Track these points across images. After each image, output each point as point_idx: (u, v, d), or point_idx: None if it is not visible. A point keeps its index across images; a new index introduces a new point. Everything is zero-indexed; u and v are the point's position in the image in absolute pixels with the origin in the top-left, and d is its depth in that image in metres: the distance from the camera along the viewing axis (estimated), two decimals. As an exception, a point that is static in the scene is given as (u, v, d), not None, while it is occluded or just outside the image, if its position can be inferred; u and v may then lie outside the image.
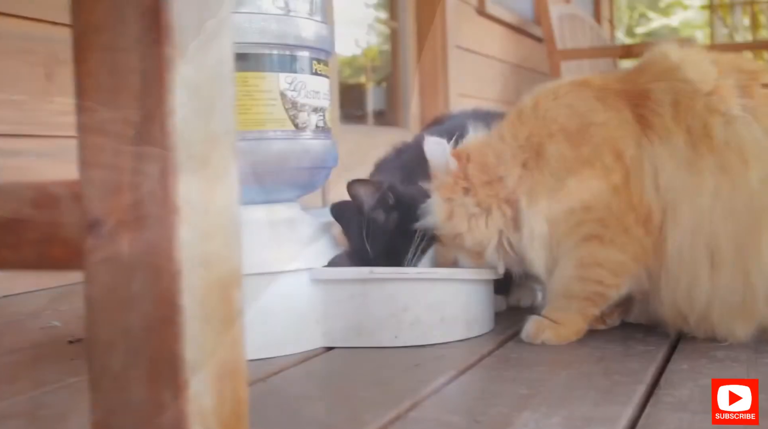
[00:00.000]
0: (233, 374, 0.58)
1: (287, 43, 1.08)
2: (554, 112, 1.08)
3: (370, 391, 0.91)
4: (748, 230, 0.99)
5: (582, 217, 1.04)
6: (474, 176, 1.10)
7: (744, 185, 0.99)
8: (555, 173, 1.06)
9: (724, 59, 1.08)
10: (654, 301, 1.06)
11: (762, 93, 1.03)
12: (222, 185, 0.58)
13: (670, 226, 1.01)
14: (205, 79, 0.56)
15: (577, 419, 0.78)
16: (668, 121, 1.03)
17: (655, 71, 1.08)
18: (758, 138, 1.01)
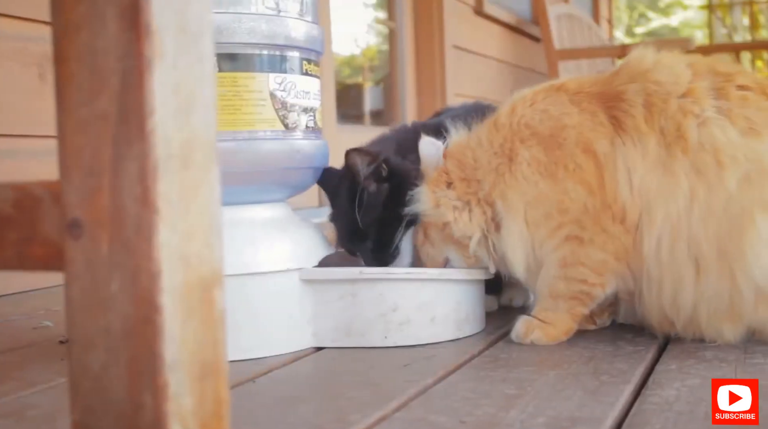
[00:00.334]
0: (214, 374, 0.58)
1: (277, 43, 1.08)
2: (528, 118, 1.09)
3: (358, 392, 0.91)
4: (729, 234, 0.98)
5: (560, 220, 1.05)
6: (452, 172, 1.12)
7: (720, 188, 0.99)
8: (528, 177, 1.06)
9: (699, 62, 1.08)
10: (639, 306, 1.07)
11: (737, 95, 1.03)
12: (203, 185, 0.58)
13: (646, 227, 1.02)
14: (185, 80, 0.56)
15: (563, 419, 0.78)
16: (640, 122, 1.03)
17: (629, 73, 1.08)
18: (734, 139, 1.00)
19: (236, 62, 1.06)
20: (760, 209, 0.98)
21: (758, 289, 0.99)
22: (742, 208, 0.98)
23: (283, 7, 1.10)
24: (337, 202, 1.24)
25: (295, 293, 1.09)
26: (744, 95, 1.03)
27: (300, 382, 0.97)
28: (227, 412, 0.60)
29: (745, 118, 1.01)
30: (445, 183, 1.12)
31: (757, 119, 1.02)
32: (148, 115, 0.53)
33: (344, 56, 3.78)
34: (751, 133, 1.01)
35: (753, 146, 1.00)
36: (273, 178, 1.12)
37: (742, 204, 0.98)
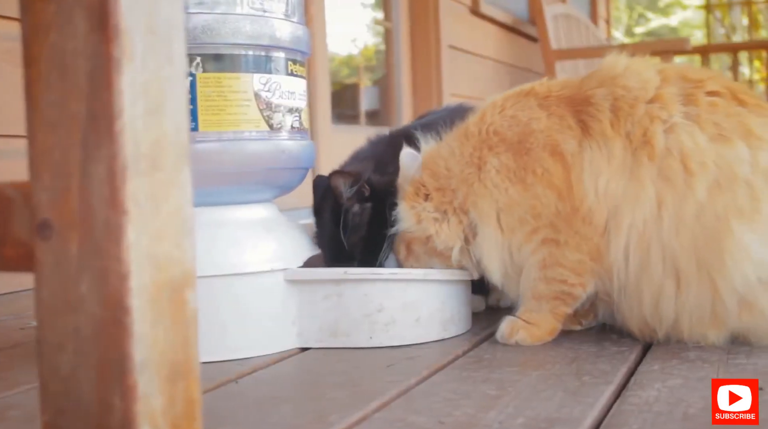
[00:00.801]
0: (186, 375, 0.58)
1: (262, 43, 1.08)
2: (497, 125, 1.09)
3: (340, 392, 0.91)
4: (707, 244, 0.98)
5: (535, 224, 1.06)
6: (428, 183, 1.13)
7: (690, 195, 0.99)
8: (498, 184, 1.07)
9: (669, 68, 1.08)
10: (618, 313, 1.07)
11: (707, 101, 1.03)
12: (173, 187, 0.58)
13: (613, 232, 1.02)
14: (155, 81, 0.56)
15: (542, 420, 0.78)
16: (606, 127, 1.03)
17: (599, 78, 1.08)
18: (702, 145, 1.00)
19: (221, 62, 1.06)
20: (735, 216, 0.98)
21: (741, 297, 0.98)
22: (716, 216, 0.98)
23: (268, 8, 1.10)
24: (321, 224, 1.23)
25: (279, 294, 1.09)
26: (713, 101, 1.03)
27: (282, 382, 0.97)
28: (199, 413, 0.60)
29: (714, 123, 1.01)
30: (423, 195, 1.13)
31: (727, 125, 1.01)
32: (117, 116, 0.53)
33: (341, 56, 3.78)
34: (721, 139, 1.01)
35: (722, 152, 1.00)
36: (258, 179, 1.12)
37: (716, 212, 0.98)
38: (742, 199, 0.98)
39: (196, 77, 1.04)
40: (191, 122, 1.05)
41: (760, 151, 1.00)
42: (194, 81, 1.04)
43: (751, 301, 0.99)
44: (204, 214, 1.09)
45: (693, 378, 0.91)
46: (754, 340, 1.02)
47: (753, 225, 0.98)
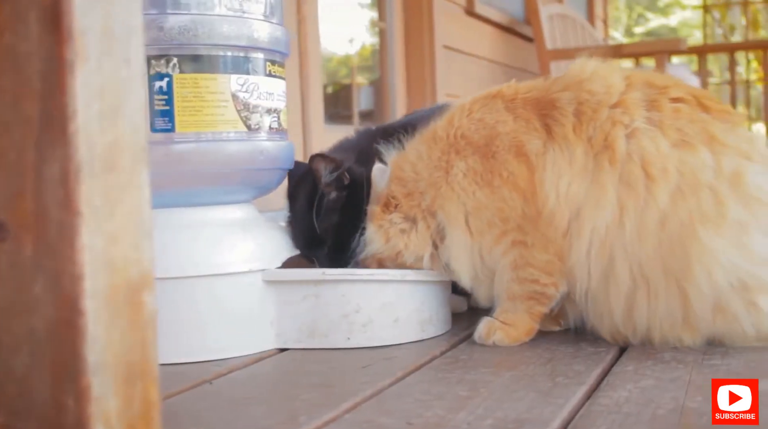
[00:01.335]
0: (142, 376, 0.58)
1: (239, 44, 1.08)
2: (465, 129, 1.10)
3: (313, 393, 0.91)
4: (673, 252, 0.98)
5: (503, 227, 1.06)
6: (395, 191, 1.13)
7: (652, 202, 0.99)
8: (466, 188, 1.07)
9: (636, 74, 1.08)
10: (587, 319, 1.06)
11: (670, 107, 1.03)
12: (130, 188, 0.58)
13: (575, 236, 1.01)
14: (111, 83, 0.56)
15: (510, 421, 0.78)
16: (568, 130, 1.03)
17: (565, 81, 1.08)
18: (664, 151, 1.00)
19: (198, 63, 1.06)
20: (700, 222, 0.97)
21: (713, 303, 0.98)
22: (681, 223, 0.98)
23: (246, 9, 1.10)
24: (295, 207, 1.25)
25: (258, 294, 1.09)
26: (677, 107, 1.03)
27: (257, 383, 0.97)
28: (157, 414, 0.60)
29: (677, 129, 1.01)
30: (392, 207, 1.12)
31: (690, 131, 1.01)
32: (71, 118, 0.53)
33: (336, 56, 3.78)
34: (683, 145, 1.00)
35: (684, 158, 1.00)
36: (236, 179, 1.12)
37: (681, 219, 0.98)
38: (707, 204, 0.98)
39: (172, 78, 1.04)
40: (168, 123, 1.05)
41: (724, 156, 1.00)
42: (171, 82, 1.04)
43: (724, 306, 0.98)
44: (182, 214, 1.09)
45: (666, 379, 0.91)
46: (729, 343, 1.02)
47: (720, 230, 0.97)
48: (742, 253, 0.98)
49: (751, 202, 0.99)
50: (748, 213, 0.98)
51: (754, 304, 0.99)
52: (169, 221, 1.08)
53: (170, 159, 1.06)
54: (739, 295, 0.98)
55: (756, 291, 0.98)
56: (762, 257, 0.98)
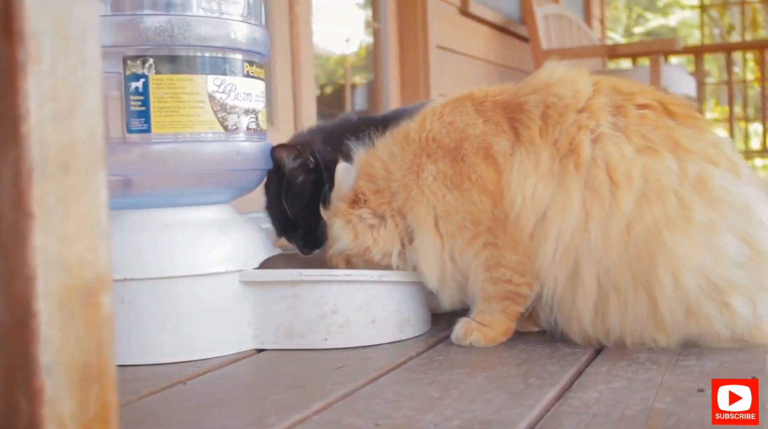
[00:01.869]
0: (99, 378, 0.58)
1: (216, 45, 1.08)
2: (436, 132, 1.10)
3: (285, 394, 0.91)
4: (640, 258, 0.98)
5: (475, 230, 1.06)
6: (364, 187, 1.13)
7: (617, 208, 0.98)
8: (436, 191, 1.07)
9: (604, 80, 1.08)
10: (558, 323, 1.06)
11: (636, 113, 1.03)
12: (86, 190, 0.58)
13: (541, 239, 1.01)
14: (65, 84, 0.56)
15: (477, 422, 0.78)
16: (535, 134, 1.03)
17: (534, 85, 1.08)
18: (628, 157, 1.00)
19: (174, 64, 1.06)
20: (666, 227, 0.97)
21: (684, 306, 0.98)
22: (647, 229, 0.98)
23: (224, 9, 1.10)
24: (269, 195, 1.31)
25: (235, 295, 1.09)
26: (643, 114, 1.03)
27: (230, 384, 0.97)
28: (114, 416, 0.60)
29: (642, 135, 1.01)
30: (361, 202, 1.13)
31: (654, 137, 1.01)
32: (23, 119, 0.53)
33: (330, 56, 3.78)
34: (648, 151, 1.00)
35: (649, 164, 1.00)
36: (214, 180, 1.12)
37: (646, 225, 0.98)
38: (672, 209, 0.98)
39: (148, 79, 1.04)
40: (144, 124, 1.05)
41: (689, 162, 1.00)
42: (147, 83, 1.04)
43: (696, 309, 0.98)
44: (158, 215, 1.09)
45: (638, 379, 0.91)
46: (705, 344, 1.02)
47: (687, 233, 0.97)
48: (713, 256, 0.98)
49: (718, 204, 0.99)
50: (716, 215, 0.98)
51: (727, 305, 0.99)
52: (145, 221, 1.08)
53: (146, 160, 1.06)
54: (711, 297, 0.98)
55: (728, 292, 0.98)
56: (733, 258, 0.98)
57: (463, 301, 1.13)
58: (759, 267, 1.00)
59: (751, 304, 1.00)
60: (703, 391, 0.85)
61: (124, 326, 1.05)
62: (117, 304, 1.05)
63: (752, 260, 1.00)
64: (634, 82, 1.10)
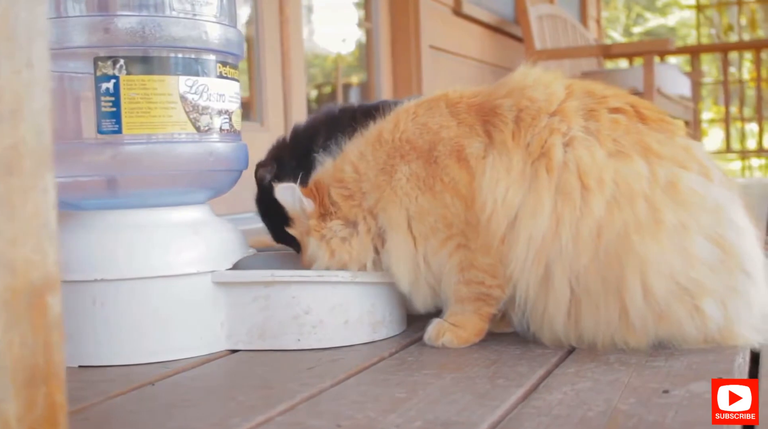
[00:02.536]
0: (47, 380, 0.58)
1: (187, 46, 1.08)
2: (409, 133, 1.09)
3: (251, 395, 0.91)
4: (610, 263, 0.97)
5: (448, 233, 1.06)
6: (334, 194, 1.12)
7: (589, 213, 0.98)
8: (408, 193, 1.07)
9: (578, 83, 1.08)
10: (529, 326, 1.06)
11: (608, 117, 1.03)
12: (32, 192, 0.58)
13: (513, 242, 1.01)
14: (10, 86, 0.56)
15: (439, 423, 0.78)
16: (507, 137, 1.03)
17: (508, 88, 1.08)
18: (600, 161, 0.99)
19: (145, 65, 1.06)
20: (636, 232, 0.97)
21: (654, 311, 0.98)
22: (617, 233, 0.97)
23: (198, 10, 1.10)
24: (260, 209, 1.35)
25: (207, 296, 1.09)
26: (615, 118, 1.03)
27: (199, 385, 0.97)
28: (63, 417, 0.60)
29: (613, 139, 1.01)
30: (332, 214, 1.12)
31: (625, 141, 1.01)
32: (-35, 121, 0.53)
33: (327, 55, 3.78)
34: (619, 155, 1.00)
35: (620, 168, 0.99)
36: (187, 181, 1.12)
37: (617, 229, 0.97)
38: (642, 214, 0.97)
39: (119, 79, 1.04)
40: (115, 125, 1.05)
41: (659, 166, 1.00)
42: (117, 83, 1.04)
43: (666, 314, 0.98)
44: (129, 216, 1.09)
45: (604, 381, 0.90)
46: (676, 345, 1.02)
47: (657, 237, 0.97)
48: (683, 259, 0.97)
49: (689, 207, 0.98)
50: (687, 217, 0.98)
51: (698, 308, 0.99)
52: (117, 222, 1.08)
53: (117, 160, 1.06)
54: (682, 301, 0.98)
55: (699, 296, 0.98)
56: (704, 261, 0.98)
57: (437, 304, 1.12)
58: (730, 269, 1.00)
59: (722, 307, 1.00)
60: (667, 392, 0.85)
61: (96, 327, 1.06)
62: (89, 304, 1.06)
63: (723, 263, 0.99)
64: (606, 86, 1.10)
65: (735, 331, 1.02)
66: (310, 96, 3.73)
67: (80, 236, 1.07)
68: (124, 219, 1.09)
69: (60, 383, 0.60)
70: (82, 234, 1.08)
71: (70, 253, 1.06)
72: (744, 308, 1.01)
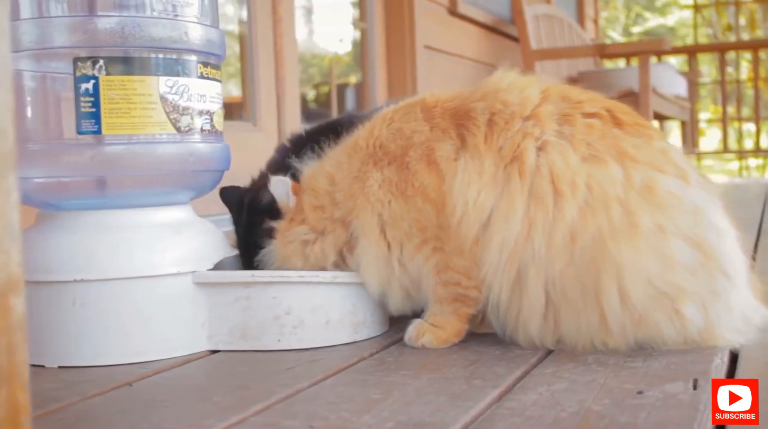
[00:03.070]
0: (9, 381, 0.58)
1: (167, 46, 1.08)
2: (383, 139, 1.09)
3: (228, 396, 0.91)
4: (587, 268, 0.97)
5: (422, 237, 1.06)
6: (305, 202, 1.13)
7: (561, 218, 0.98)
8: (381, 198, 1.07)
9: (554, 87, 1.08)
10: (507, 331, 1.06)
11: (583, 122, 1.02)
12: (-6, 192, 0.58)
13: (486, 246, 1.01)
14: (-29, 86, 0.56)
15: (412, 424, 0.78)
16: (480, 140, 1.03)
17: (483, 91, 1.08)
18: (573, 166, 0.99)
19: (125, 65, 1.06)
20: (611, 237, 0.96)
21: (631, 316, 0.98)
22: (592, 239, 0.97)
23: (179, 11, 1.10)
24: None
25: (188, 296, 1.09)
26: (590, 123, 1.02)
27: (177, 385, 0.97)
28: (26, 418, 0.60)
29: (588, 144, 1.01)
30: (298, 221, 1.13)
31: (600, 146, 1.00)
32: (-75, 122, 0.53)
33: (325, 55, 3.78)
34: (593, 160, 1.00)
35: (593, 173, 0.99)
36: (167, 181, 1.12)
37: (591, 235, 0.97)
38: (617, 218, 0.97)
39: (98, 80, 1.04)
40: (94, 125, 1.05)
41: (634, 170, 0.99)
42: (97, 84, 1.04)
43: (644, 318, 0.98)
44: (109, 216, 1.09)
45: (580, 381, 0.90)
46: (656, 346, 1.01)
47: (633, 242, 0.96)
48: (661, 263, 0.97)
49: (666, 210, 0.98)
50: (664, 220, 0.97)
51: (678, 312, 0.98)
52: (97, 223, 1.08)
53: (97, 161, 1.06)
54: (661, 306, 0.98)
55: (679, 300, 0.98)
56: (683, 264, 0.97)
57: (412, 306, 1.12)
58: (710, 272, 0.99)
59: (703, 311, 0.99)
60: (642, 393, 0.85)
61: (76, 327, 1.06)
62: (69, 305, 1.06)
63: (703, 266, 0.99)
64: (581, 90, 1.09)
65: (716, 333, 1.01)
66: (308, 96, 3.74)
67: (60, 237, 1.07)
68: (105, 220, 1.09)
69: (23, 384, 0.60)
70: (62, 234, 1.08)
71: (51, 254, 1.06)
72: (724, 310, 1.01)
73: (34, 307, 1.06)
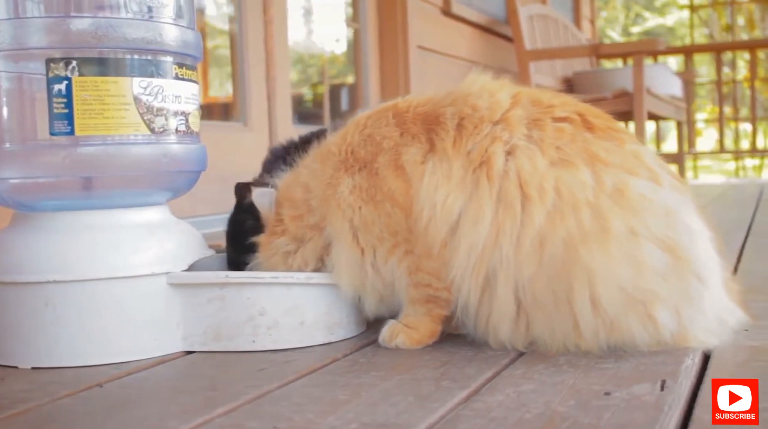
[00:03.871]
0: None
1: (142, 47, 1.08)
2: (355, 145, 1.10)
3: (195, 397, 0.91)
4: (557, 274, 0.97)
5: (394, 241, 1.06)
6: (284, 214, 1.13)
7: (529, 223, 0.97)
8: (352, 204, 1.07)
9: (525, 92, 1.07)
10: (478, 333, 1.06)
11: (553, 126, 1.02)
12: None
13: (453, 250, 1.01)
14: None
15: (376, 425, 0.78)
16: (448, 145, 1.03)
17: (454, 96, 1.08)
18: (542, 170, 0.99)
19: (98, 66, 1.06)
20: (582, 242, 0.96)
21: (605, 323, 0.97)
22: (562, 244, 0.96)
23: (153, 12, 1.10)
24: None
25: (162, 297, 1.09)
26: (560, 127, 1.02)
27: (147, 386, 0.97)
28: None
29: (557, 148, 1.00)
30: (279, 233, 1.13)
31: (570, 150, 1.00)
32: None
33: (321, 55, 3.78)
34: (563, 164, 0.99)
35: (563, 177, 0.98)
36: (142, 182, 1.12)
37: (561, 239, 0.96)
38: (587, 222, 0.96)
39: (71, 81, 1.04)
40: (67, 126, 1.05)
41: (605, 174, 0.99)
42: (70, 85, 1.04)
43: (617, 324, 0.97)
44: (83, 217, 1.09)
45: (549, 383, 0.90)
46: (628, 350, 1.01)
47: (604, 246, 0.96)
48: (633, 268, 0.96)
49: (638, 212, 0.97)
50: (635, 223, 0.97)
51: (650, 316, 0.98)
52: (70, 224, 1.08)
53: (70, 162, 1.06)
54: (634, 311, 0.97)
55: (651, 304, 0.97)
56: (655, 269, 0.97)
57: (389, 309, 1.12)
58: (683, 275, 0.99)
59: (676, 315, 0.99)
60: (609, 394, 0.85)
61: (49, 328, 1.06)
62: (41, 306, 1.06)
63: (675, 269, 0.98)
64: (553, 94, 1.09)
65: (689, 336, 1.01)
66: (306, 97, 3.73)
67: (33, 237, 1.07)
68: (78, 220, 1.09)
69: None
70: (36, 235, 1.08)
71: (23, 255, 1.06)
72: (698, 314, 1.01)
73: (7, 308, 1.06)
